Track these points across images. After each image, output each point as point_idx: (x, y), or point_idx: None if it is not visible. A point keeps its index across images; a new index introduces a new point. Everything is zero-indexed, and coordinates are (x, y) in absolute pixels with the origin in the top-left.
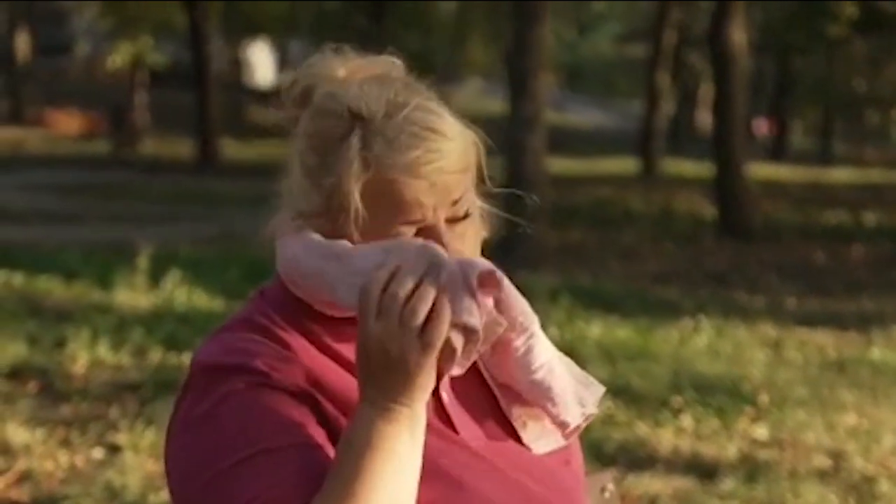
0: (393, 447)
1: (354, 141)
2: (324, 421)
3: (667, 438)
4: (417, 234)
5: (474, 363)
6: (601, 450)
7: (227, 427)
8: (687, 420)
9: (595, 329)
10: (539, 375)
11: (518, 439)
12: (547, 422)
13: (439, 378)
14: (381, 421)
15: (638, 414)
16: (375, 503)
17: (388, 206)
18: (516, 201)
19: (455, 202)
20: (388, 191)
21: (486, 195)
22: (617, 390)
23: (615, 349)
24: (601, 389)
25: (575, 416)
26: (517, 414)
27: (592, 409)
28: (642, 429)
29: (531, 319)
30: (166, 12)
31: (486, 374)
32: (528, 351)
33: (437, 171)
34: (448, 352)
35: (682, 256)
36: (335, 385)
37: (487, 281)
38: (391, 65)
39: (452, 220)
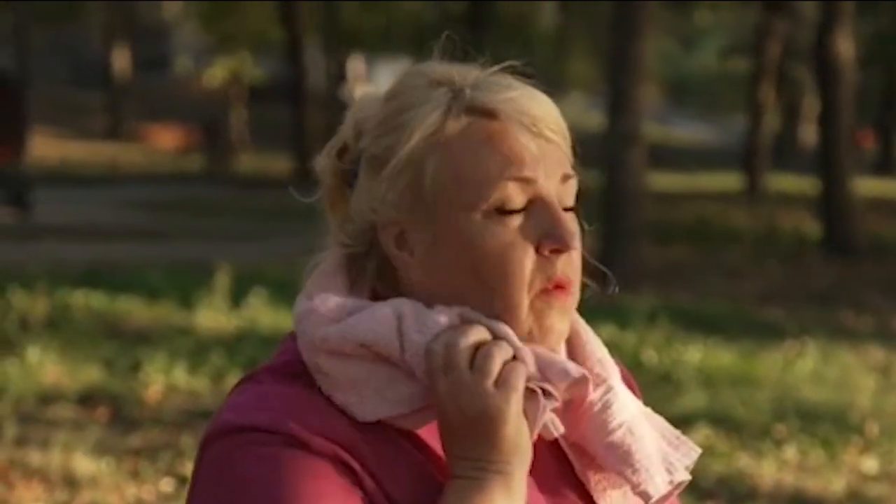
0: None
1: (441, 92)
2: (363, 493)
3: (769, 471)
4: (527, 207)
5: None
6: (699, 484)
7: (267, 496)
8: (790, 451)
9: (695, 352)
10: (617, 437)
11: None
12: (629, 489)
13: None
14: (472, 491)
15: (739, 444)
16: None
17: (488, 157)
18: (614, 218)
19: (565, 179)
20: (486, 137)
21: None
22: (717, 418)
23: (715, 374)
24: (695, 452)
25: (659, 486)
26: (595, 479)
27: (682, 475)
28: (743, 460)
29: (610, 371)
30: (263, 27)
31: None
32: (605, 407)
33: (541, 120)
34: (532, 404)
35: (786, 275)
36: (374, 450)
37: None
38: None
39: (562, 208)
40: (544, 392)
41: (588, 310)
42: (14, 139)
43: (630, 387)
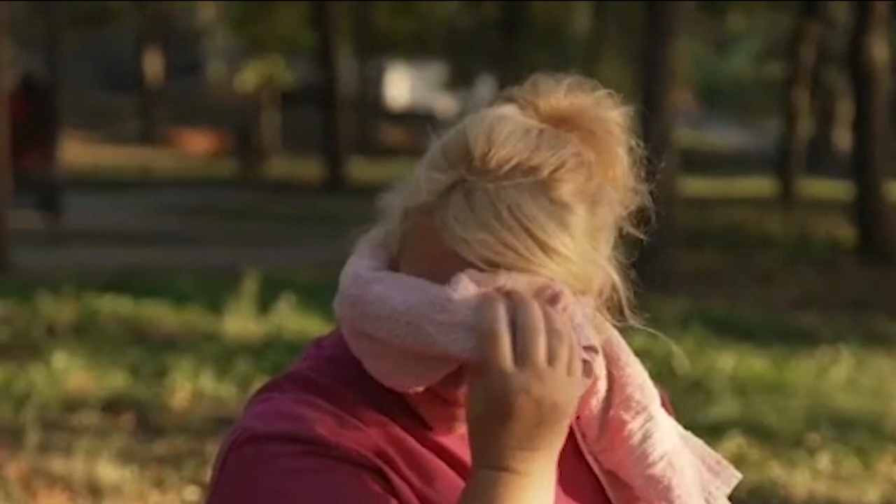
0: None
1: (448, 176)
2: (398, 499)
3: (802, 480)
4: None
5: (577, 446)
6: (731, 494)
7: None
8: (824, 460)
9: (727, 359)
10: (657, 470)
11: None
12: None
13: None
14: (519, 489)
15: (772, 453)
16: None
17: (427, 265)
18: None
19: None
20: (434, 241)
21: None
22: (749, 427)
23: (748, 382)
24: (735, 477)
25: None
26: None
27: (722, 502)
28: (776, 470)
29: (650, 397)
30: (295, 31)
31: (589, 459)
32: (646, 437)
33: (496, 259)
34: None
35: (820, 281)
36: (406, 456)
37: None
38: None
39: None
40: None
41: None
42: (44, 144)
43: (664, 406)
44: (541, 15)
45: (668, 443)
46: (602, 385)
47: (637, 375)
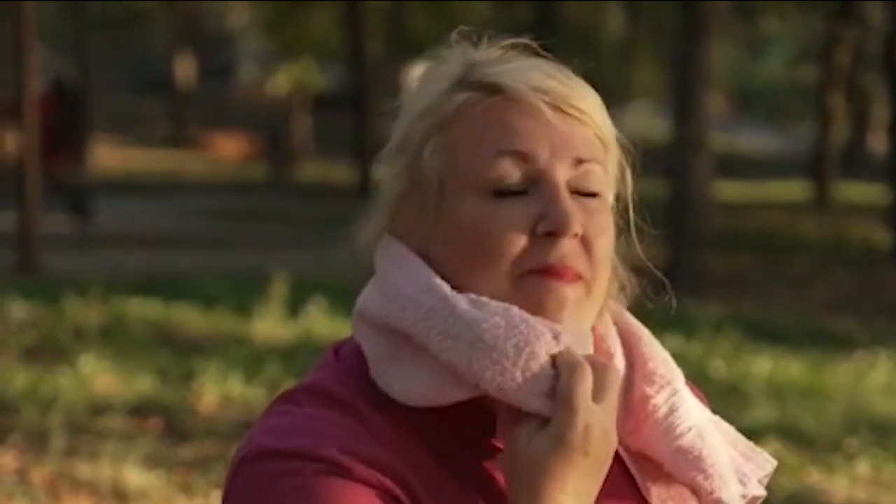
0: None
1: (449, 71)
2: None
3: (841, 487)
4: (528, 188)
5: None
6: (768, 500)
7: None
8: (863, 466)
9: (763, 363)
10: (686, 441)
11: None
12: None
13: None
14: None
15: (809, 458)
16: None
17: (484, 133)
18: (679, 227)
19: (580, 162)
20: (485, 112)
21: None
22: (786, 432)
23: (784, 386)
24: (770, 464)
25: (734, 495)
26: (657, 492)
27: (756, 489)
28: (813, 475)
29: (674, 373)
30: (327, 34)
31: (619, 447)
32: (672, 410)
33: (550, 92)
34: None
35: (856, 285)
36: (426, 480)
37: None
38: None
39: (576, 191)
40: None
41: (653, 320)
42: (74, 147)
43: (696, 396)
44: (573, 18)
45: (694, 417)
46: (619, 362)
47: (659, 352)
